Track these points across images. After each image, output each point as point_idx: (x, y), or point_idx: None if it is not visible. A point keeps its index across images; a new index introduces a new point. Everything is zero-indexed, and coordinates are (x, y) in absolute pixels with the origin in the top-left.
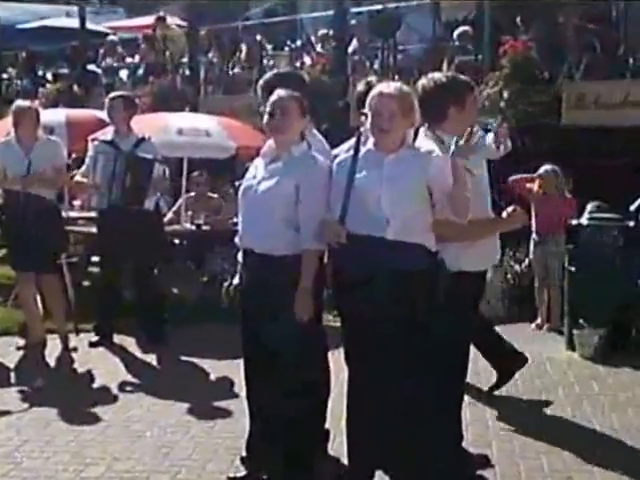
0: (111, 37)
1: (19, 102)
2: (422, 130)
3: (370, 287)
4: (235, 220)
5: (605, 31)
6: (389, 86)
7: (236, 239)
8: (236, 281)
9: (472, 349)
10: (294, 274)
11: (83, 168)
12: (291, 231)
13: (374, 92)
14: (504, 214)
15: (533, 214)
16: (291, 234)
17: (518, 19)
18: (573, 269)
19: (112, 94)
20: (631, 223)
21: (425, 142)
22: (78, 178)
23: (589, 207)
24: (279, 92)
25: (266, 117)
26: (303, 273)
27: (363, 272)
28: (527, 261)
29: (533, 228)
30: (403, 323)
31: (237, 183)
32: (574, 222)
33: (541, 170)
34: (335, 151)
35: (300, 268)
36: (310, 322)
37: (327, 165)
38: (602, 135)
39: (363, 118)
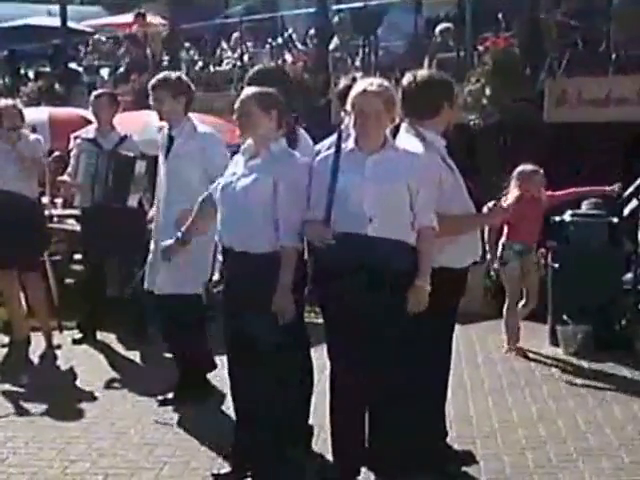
0: (90, 36)
1: (1, 100)
2: (404, 126)
3: (352, 283)
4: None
5: (587, 27)
6: (372, 83)
7: (215, 237)
8: (216, 277)
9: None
10: (274, 271)
11: (69, 168)
12: (270, 228)
13: (357, 90)
14: (484, 209)
15: (511, 221)
16: (270, 231)
17: (500, 15)
18: (557, 266)
19: (97, 91)
20: (615, 219)
21: (407, 139)
22: (62, 178)
23: (585, 204)
24: (243, 92)
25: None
26: (282, 270)
27: (345, 268)
28: (494, 274)
29: (506, 236)
30: (385, 319)
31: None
32: (557, 218)
33: (524, 170)
34: (317, 147)
35: (279, 266)
36: (291, 319)
37: (306, 162)
38: (585, 131)
39: (343, 114)
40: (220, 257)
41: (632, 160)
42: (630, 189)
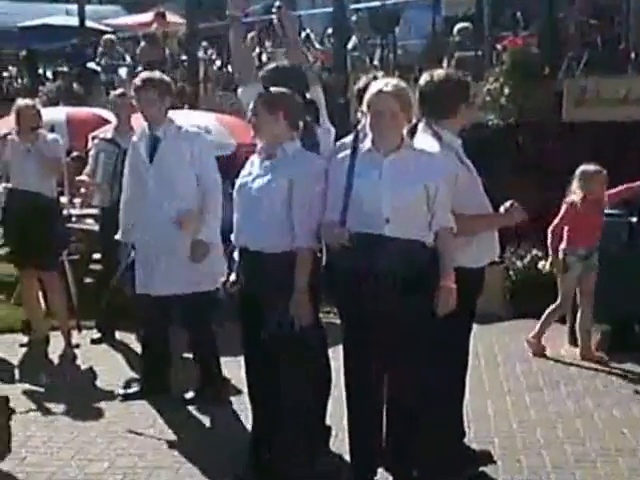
0: (109, 35)
1: (21, 100)
2: (421, 126)
3: (369, 284)
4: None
5: (606, 26)
6: (388, 84)
7: (232, 237)
8: (233, 278)
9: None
10: (288, 271)
11: (87, 168)
12: (285, 229)
13: (372, 90)
14: (502, 209)
15: (573, 225)
16: (284, 232)
17: (518, 14)
18: None
19: (118, 91)
20: (634, 219)
21: (424, 139)
22: (81, 177)
23: None
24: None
25: None
26: (297, 272)
27: (362, 269)
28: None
29: (568, 241)
30: (403, 320)
31: (237, 180)
32: None
33: (587, 170)
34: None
35: (294, 265)
36: (309, 321)
37: (321, 163)
38: (604, 131)
39: (360, 115)
40: (236, 257)
41: None
42: None
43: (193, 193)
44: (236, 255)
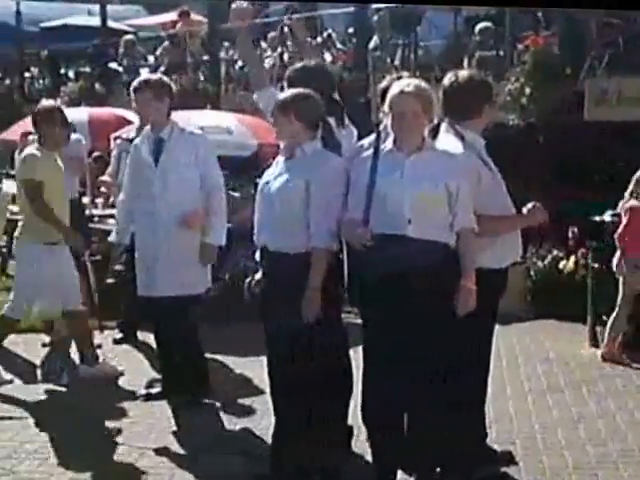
0: (130, 36)
1: (45, 101)
2: (443, 126)
3: (391, 285)
4: None
5: (628, 26)
6: (409, 84)
7: (254, 236)
8: (258, 276)
9: None
10: (307, 272)
11: (110, 169)
12: (302, 229)
13: (394, 91)
14: (524, 210)
15: (632, 233)
16: (302, 232)
17: (540, 14)
18: (597, 266)
19: None
20: None
21: (447, 139)
22: (104, 178)
23: (622, 203)
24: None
25: None
26: (311, 272)
27: (384, 270)
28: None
29: (625, 250)
30: (426, 319)
31: (258, 181)
32: (597, 218)
33: None
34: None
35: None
36: (328, 319)
37: (340, 163)
38: (625, 130)
39: (382, 115)
40: (257, 257)
41: None
42: None
43: (198, 194)
44: (257, 255)
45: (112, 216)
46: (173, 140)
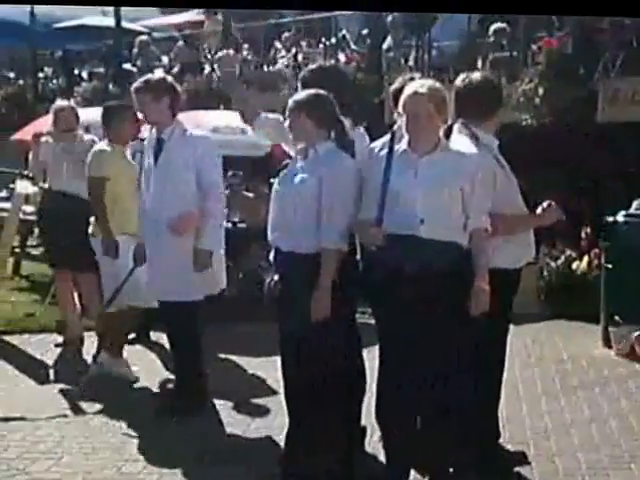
0: (145, 36)
1: (59, 102)
2: (456, 126)
3: (404, 285)
4: None
5: None
6: (423, 85)
7: (268, 236)
8: (277, 277)
9: None
10: (318, 273)
11: None
12: (314, 229)
13: (408, 92)
14: (539, 210)
15: None
16: (314, 232)
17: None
18: (609, 266)
19: None
20: None
21: (461, 139)
22: None
23: (635, 203)
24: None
25: None
26: (322, 272)
27: (397, 270)
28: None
29: None
30: (439, 319)
31: (272, 181)
32: (610, 219)
33: None
34: (371, 145)
35: None
36: (341, 320)
37: (353, 163)
38: (638, 131)
39: (396, 115)
40: (271, 257)
41: None
42: None
43: (192, 196)
44: (271, 256)
45: None
46: (173, 140)
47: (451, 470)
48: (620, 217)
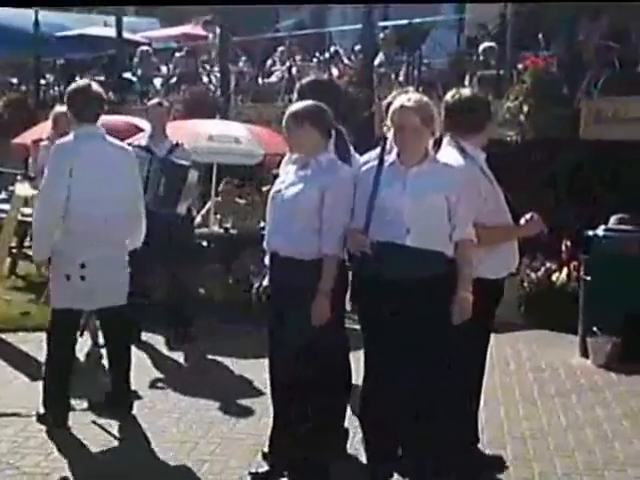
0: (145, 47)
1: (58, 107)
2: (446, 140)
3: (388, 291)
4: (262, 224)
5: (624, 49)
6: (410, 99)
7: (264, 242)
8: (266, 282)
9: None
10: (316, 277)
11: None
12: (315, 236)
13: (395, 105)
14: (522, 221)
15: None
16: (315, 239)
17: (540, 35)
18: (588, 278)
19: (154, 101)
20: None
21: (449, 152)
22: None
23: (612, 219)
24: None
25: None
26: (322, 277)
27: (382, 277)
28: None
29: None
30: (422, 326)
31: (264, 189)
32: (590, 233)
33: None
34: (363, 158)
35: (321, 272)
36: (332, 324)
37: (351, 173)
38: (620, 149)
39: (385, 128)
40: (267, 262)
41: None
42: None
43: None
44: (267, 260)
45: None
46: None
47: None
48: (600, 231)
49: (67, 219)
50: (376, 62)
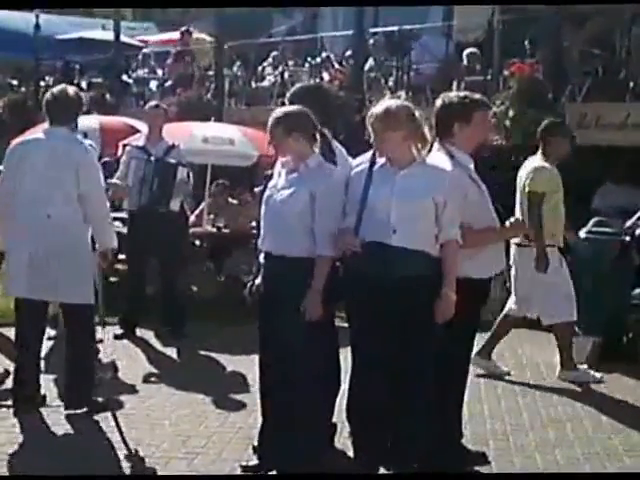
0: (143, 50)
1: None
2: (435, 145)
3: (374, 289)
4: (253, 224)
5: (608, 56)
6: (381, 105)
7: (258, 242)
8: (258, 281)
9: None
10: (307, 275)
11: (118, 173)
12: (306, 236)
13: (373, 111)
14: (507, 223)
15: None
16: (306, 239)
17: (526, 42)
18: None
19: (152, 103)
20: (627, 238)
21: (437, 156)
22: (114, 181)
23: (592, 222)
24: (272, 114)
25: None
26: (315, 275)
27: (369, 275)
28: None
29: None
30: (406, 325)
31: (256, 190)
32: None
33: None
34: (356, 161)
35: (313, 270)
36: (322, 321)
37: (341, 176)
38: (602, 154)
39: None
40: (261, 261)
41: None
42: None
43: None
44: (261, 258)
45: (118, 219)
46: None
47: (415, 466)
48: (581, 234)
49: (16, 212)
50: (366, 67)
